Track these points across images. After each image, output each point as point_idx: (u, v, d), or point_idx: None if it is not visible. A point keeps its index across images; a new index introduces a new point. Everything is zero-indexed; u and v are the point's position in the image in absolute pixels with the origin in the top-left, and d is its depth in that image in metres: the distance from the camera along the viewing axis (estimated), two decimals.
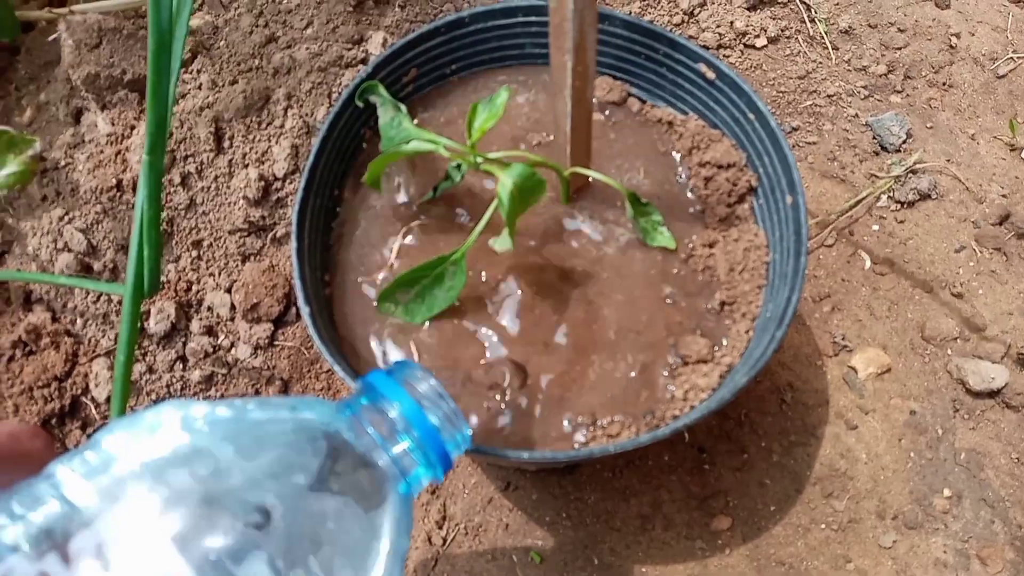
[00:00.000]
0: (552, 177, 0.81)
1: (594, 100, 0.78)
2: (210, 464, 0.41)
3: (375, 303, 0.80)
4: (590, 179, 0.83)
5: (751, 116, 0.83)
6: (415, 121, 0.86)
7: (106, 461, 0.40)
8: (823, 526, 1.02)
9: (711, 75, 0.84)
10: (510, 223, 0.71)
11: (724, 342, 0.80)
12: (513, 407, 0.76)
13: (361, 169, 0.86)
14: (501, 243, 0.73)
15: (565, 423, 0.75)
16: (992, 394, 1.08)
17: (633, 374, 0.78)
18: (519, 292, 0.81)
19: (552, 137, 0.82)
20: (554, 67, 0.69)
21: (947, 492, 1.04)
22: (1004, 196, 1.21)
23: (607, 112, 0.90)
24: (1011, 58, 1.32)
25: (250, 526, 0.41)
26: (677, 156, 0.88)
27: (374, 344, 0.79)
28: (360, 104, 0.82)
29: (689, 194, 0.86)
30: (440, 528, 1.01)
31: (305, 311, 0.72)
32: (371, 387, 0.53)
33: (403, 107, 0.80)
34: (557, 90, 0.71)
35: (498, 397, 0.75)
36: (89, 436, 0.98)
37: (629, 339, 0.79)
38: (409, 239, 0.83)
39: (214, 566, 0.38)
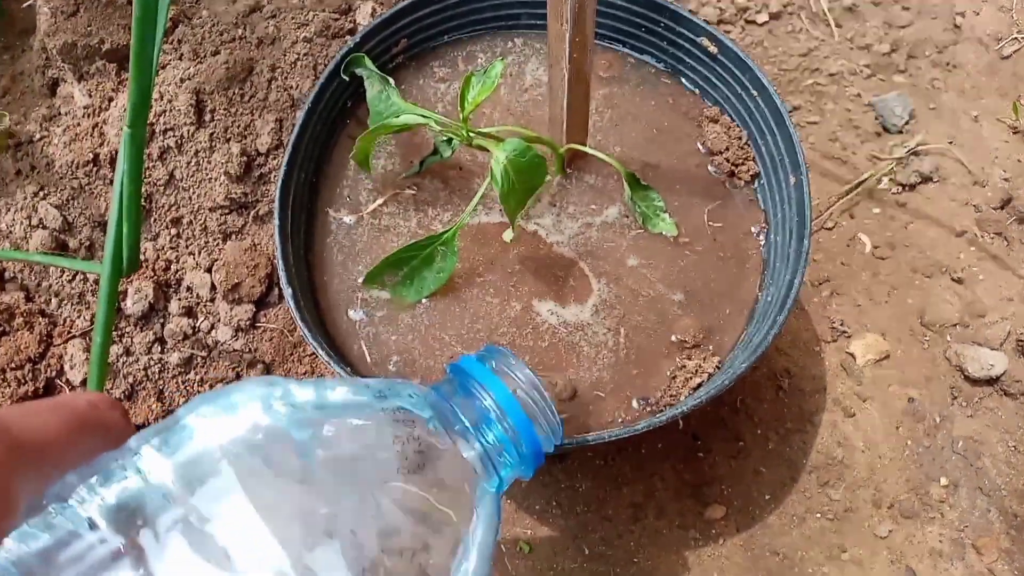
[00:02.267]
0: (547, 152, 0.77)
1: (599, 73, 0.75)
2: (291, 448, 0.39)
3: (360, 281, 0.77)
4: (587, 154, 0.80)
5: (754, 93, 0.79)
6: (404, 94, 0.82)
7: (186, 439, 0.38)
8: (819, 515, 1.00)
9: (713, 49, 0.81)
10: (507, 206, 0.68)
11: (721, 327, 0.77)
12: None
13: (347, 143, 0.82)
14: (507, 234, 0.70)
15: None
16: (991, 381, 1.06)
17: (628, 358, 0.75)
18: (512, 273, 0.78)
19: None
20: (551, 37, 0.65)
21: (944, 481, 1.02)
22: (1006, 180, 1.19)
23: (617, 82, 0.86)
24: (1016, 38, 1.29)
25: (332, 515, 0.38)
26: (699, 128, 0.84)
27: (357, 324, 0.76)
28: (346, 77, 0.79)
29: (712, 169, 0.83)
30: None
31: (288, 292, 0.68)
32: (462, 373, 0.49)
33: (391, 80, 0.77)
34: (554, 61, 0.68)
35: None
36: None
37: (624, 322, 0.76)
38: (393, 207, 0.79)
39: (298, 551, 0.36)
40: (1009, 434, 1.05)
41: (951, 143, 1.21)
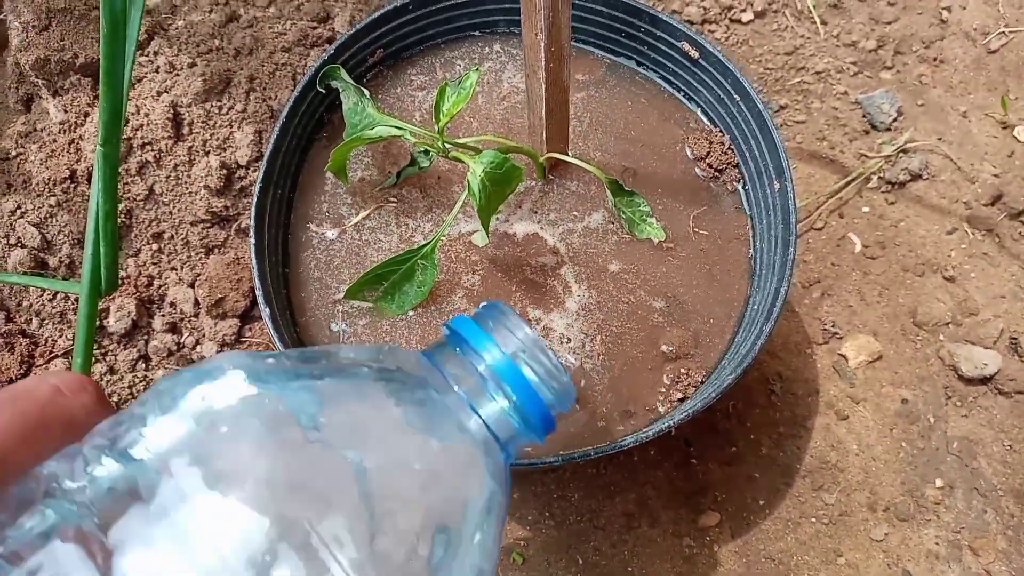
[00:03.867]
0: (527, 161, 0.76)
1: (577, 77, 0.73)
2: (286, 416, 0.37)
3: (341, 298, 0.76)
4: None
5: (737, 97, 0.78)
6: (380, 104, 0.81)
7: (171, 413, 0.36)
8: (813, 520, 0.99)
9: (694, 54, 0.80)
10: (483, 217, 0.67)
11: (709, 335, 0.76)
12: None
13: (324, 155, 0.81)
14: (479, 238, 0.68)
15: None
16: (984, 380, 1.05)
17: (615, 368, 0.74)
18: (493, 282, 0.76)
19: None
20: (527, 46, 0.64)
21: (939, 482, 1.01)
22: (996, 176, 1.18)
23: (596, 85, 0.85)
24: (1003, 32, 1.28)
25: (330, 484, 0.36)
26: (681, 133, 0.83)
27: (340, 336, 0.75)
28: (322, 90, 0.77)
29: (698, 173, 0.81)
30: None
31: (266, 312, 0.67)
32: (456, 335, 0.44)
33: (367, 92, 0.75)
34: (531, 71, 0.66)
35: None
36: None
37: (608, 331, 0.75)
38: (373, 221, 0.78)
39: (291, 524, 0.34)
40: (1004, 433, 1.04)
41: (940, 140, 1.20)
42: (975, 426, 1.03)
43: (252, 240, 0.70)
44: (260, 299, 0.68)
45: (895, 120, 1.21)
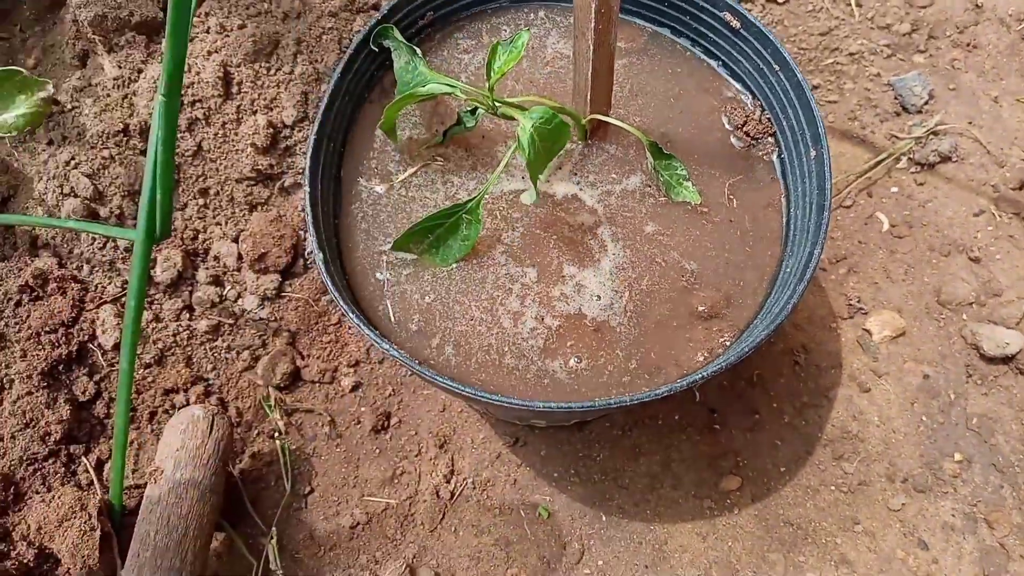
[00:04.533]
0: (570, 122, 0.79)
1: (620, 45, 0.76)
2: None
3: (387, 248, 0.79)
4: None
5: (776, 67, 0.80)
6: (428, 64, 0.83)
7: None
8: (832, 488, 1.01)
9: (736, 24, 0.82)
10: (532, 172, 0.69)
11: (740, 297, 0.78)
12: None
13: (373, 114, 0.84)
14: (528, 196, 0.71)
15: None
16: (1006, 360, 1.07)
17: (647, 326, 0.77)
18: (532, 239, 0.79)
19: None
20: (577, 7, 0.67)
21: (957, 456, 1.03)
22: None
23: (637, 54, 0.87)
24: None
25: None
26: (718, 102, 0.86)
27: (384, 285, 0.78)
28: (375, 48, 0.80)
29: (734, 142, 0.84)
30: (448, 482, 1.00)
31: (319, 257, 0.70)
32: None
33: (418, 51, 0.78)
34: (579, 32, 0.69)
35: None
36: (97, 384, 0.97)
37: (642, 290, 0.78)
38: (420, 178, 0.81)
39: None
40: None
41: (970, 123, 1.21)
42: (995, 404, 1.05)
43: (307, 189, 0.73)
44: (313, 244, 0.71)
45: (926, 103, 1.22)
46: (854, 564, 0.97)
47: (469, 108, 0.79)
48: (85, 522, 0.84)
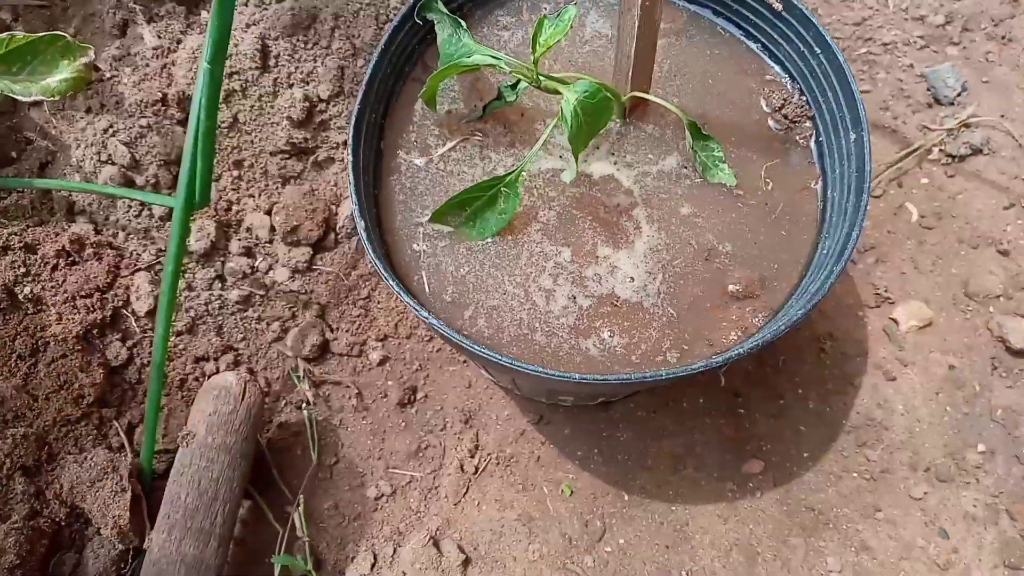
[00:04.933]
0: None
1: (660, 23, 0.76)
2: None
3: (424, 220, 0.79)
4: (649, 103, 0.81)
5: (818, 50, 0.80)
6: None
7: None
8: (855, 475, 1.02)
9: (778, 6, 0.82)
10: (575, 148, 0.69)
11: (775, 279, 0.78)
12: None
13: (414, 87, 0.84)
14: (569, 173, 0.71)
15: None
16: None
17: (682, 305, 0.77)
18: (568, 219, 0.80)
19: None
20: None
21: (981, 447, 1.03)
22: None
23: (676, 34, 0.88)
24: None
25: None
26: (757, 85, 0.86)
27: (421, 255, 0.78)
28: (419, 21, 0.80)
29: (771, 124, 0.84)
30: (472, 457, 1.01)
31: (360, 225, 0.71)
32: None
33: (463, 23, 0.78)
34: (625, 8, 0.69)
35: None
36: (130, 349, 0.98)
37: (677, 270, 0.78)
38: (458, 152, 0.82)
39: None
40: None
41: (1003, 116, 1.21)
42: (1020, 396, 1.05)
43: (349, 158, 0.73)
44: (356, 212, 0.71)
45: (959, 95, 1.22)
46: (874, 551, 0.97)
47: (510, 82, 0.79)
48: (116, 483, 0.85)
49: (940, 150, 1.19)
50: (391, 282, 0.69)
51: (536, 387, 0.96)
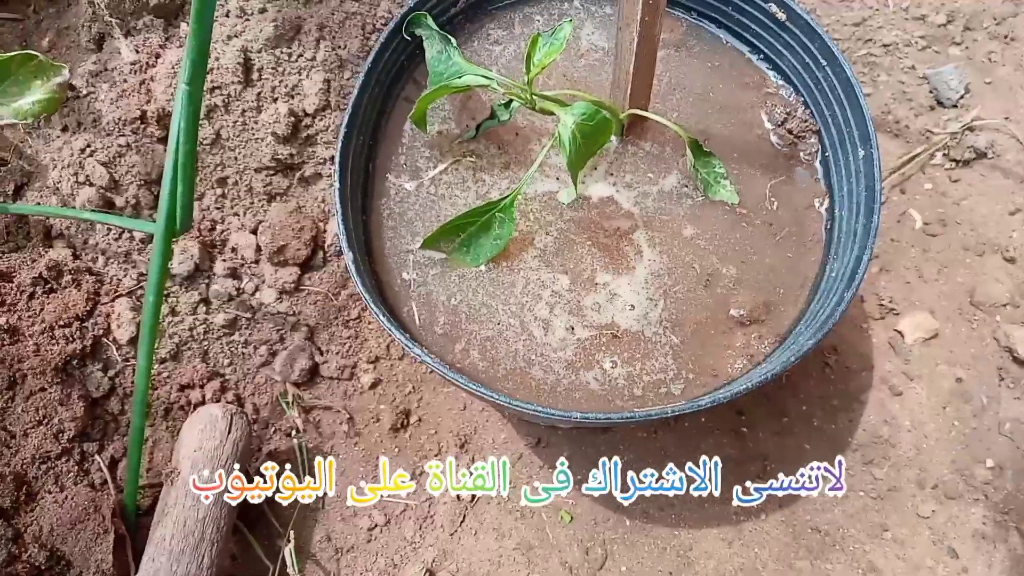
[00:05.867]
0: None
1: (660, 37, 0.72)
2: None
3: (414, 247, 0.76)
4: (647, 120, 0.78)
5: (823, 62, 0.77)
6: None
7: None
8: (862, 493, 0.99)
9: (782, 16, 0.79)
10: (573, 172, 0.66)
11: (780, 303, 0.75)
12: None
13: (404, 107, 0.81)
14: (566, 195, 0.68)
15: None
16: None
17: (684, 332, 0.74)
18: (565, 244, 0.76)
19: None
20: None
21: (989, 463, 1.00)
22: None
23: (675, 46, 0.84)
24: None
25: None
26: (759, 98, 0.82)
27: (411, 285, 0.75)
28: (408, 36, 0.77)
29: (774, 140, 0.81)
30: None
31: (348, 257, 0.68)
32: None
33: (453, 40, 0.75)
34: (624, 24, 0.66)
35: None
36: (111, 379, 0.95)
37: (679, 295, 0.75)
38: (450, 175, 0.78)
39: None
40: None
41: (1007, 119, 1.18)
42: None
43: (336, 185, 0.70)
44: (343, 244, 0.68)
45: (962, 97, 1.19)
46: (882, 572, 0.95)
47: (504, 101, 0.76)
48: (99, 524, 0.81)
49: (944, 154, 1.16)
50: (382, 319, 0.66)
51: (532, 415, 0.93)
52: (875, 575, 0.95)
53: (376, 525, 0.96)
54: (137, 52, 0.98)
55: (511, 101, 0.75)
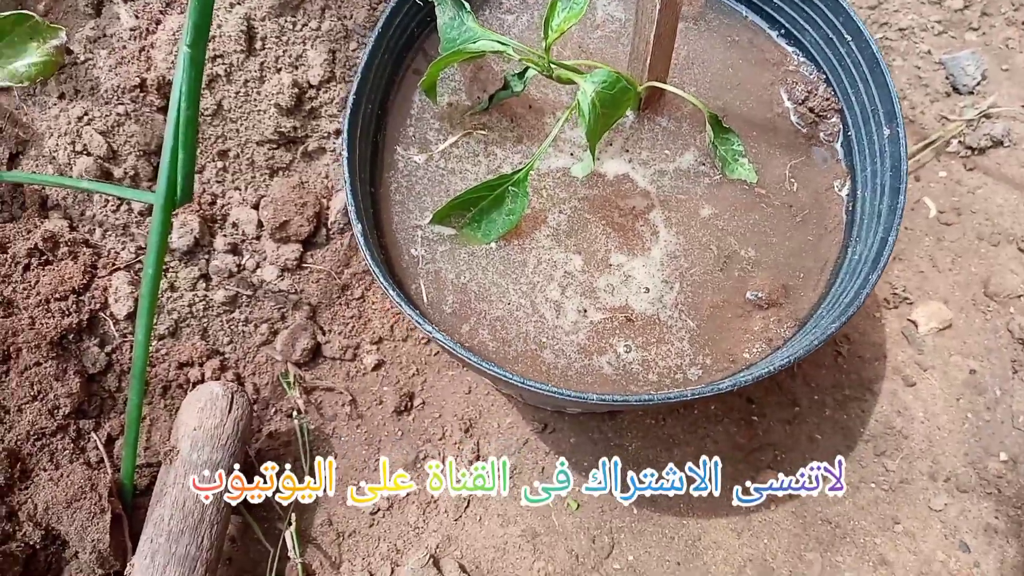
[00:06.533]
0: None
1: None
2: None
3: (423, 222, 0.73)
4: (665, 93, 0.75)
5: (848, 37, 0.75)
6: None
7: None
8: (873, 485, 0.97)
9: None
10: (592, 142, 0.64)
11: (800, 286, 0.73)
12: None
13: (413, 78, 0.78)
14: (582, 168, 0.65)
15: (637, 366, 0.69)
16: None
17: (700, 315, 0.72)
18: (579, 223, 0.74)
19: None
20: None
21: (1003, 456, 0.99)
22: None
23: (695, 19, 0.82)
24: None
25: None
26: (779, 75, 0.80)
27: (419, 262, 0.72)
28: (419, 2, 0.74)
29: (794, 119, 0.78)
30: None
31: (357, 228, 0.65)
32: None
33: (467, 4, 0.72)
34: None
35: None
36: (108, 355, 0.92)
37: (695, 276, 0.73)
38: (460, 149, 0.76)
39: None
40: None
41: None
42: None
43: (345, 154, 0.67)
44: (352, 215, 0.65)
45: (979, 83, 1.17)
46: (893, 565, 0.93)
47: (518, 71, 0.73)
48: (95, 503, 0.79)
49: (959, 142, 1.14)
50: (392, 293, 0.64)
51: (543, 399, 0.90)
52: (886, 568, 0.93)
53: (379, 510, 0.94)
54: (137, 18, 0.95)
55: (525, 71, 0.72)
